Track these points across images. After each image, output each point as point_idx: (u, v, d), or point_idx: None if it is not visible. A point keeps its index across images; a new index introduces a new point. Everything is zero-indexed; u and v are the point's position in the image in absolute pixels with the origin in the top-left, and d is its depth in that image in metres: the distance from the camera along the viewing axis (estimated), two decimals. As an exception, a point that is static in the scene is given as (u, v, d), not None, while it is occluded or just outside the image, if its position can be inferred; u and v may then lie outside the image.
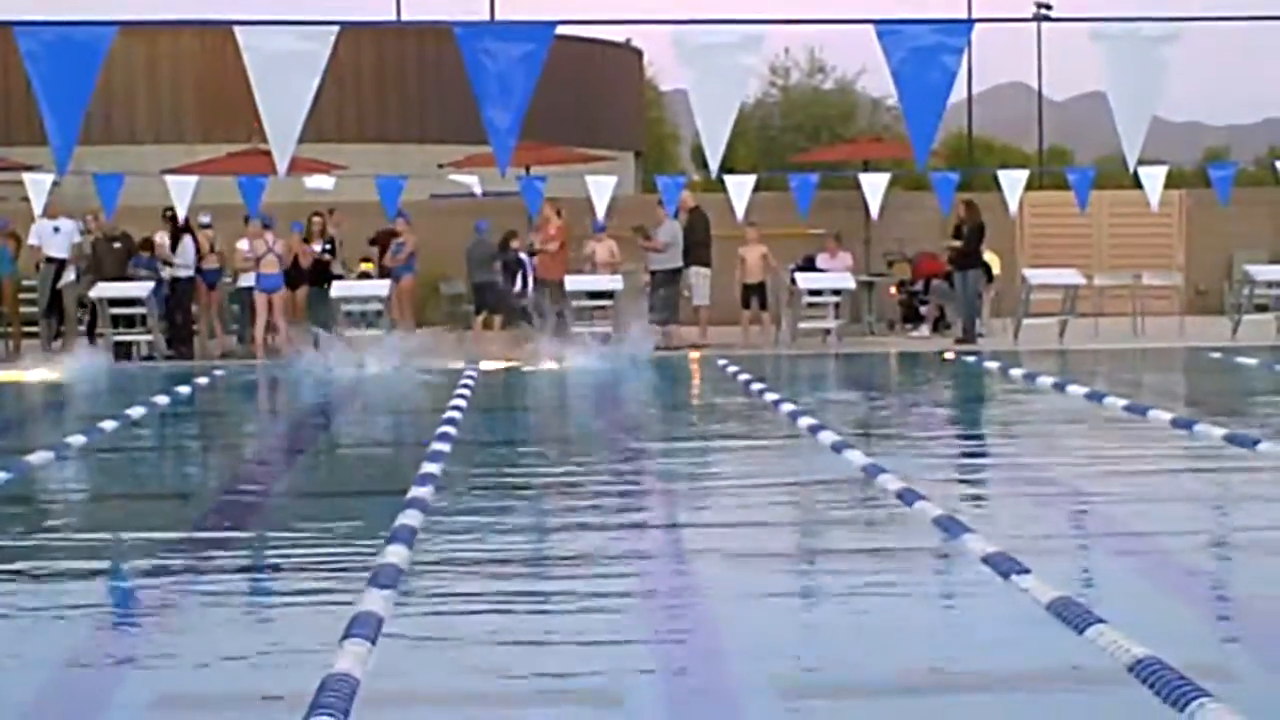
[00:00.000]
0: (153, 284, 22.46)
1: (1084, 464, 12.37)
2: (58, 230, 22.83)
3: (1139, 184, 20.67)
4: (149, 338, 22.72)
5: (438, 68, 36.27)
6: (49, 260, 22.91)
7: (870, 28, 10.50)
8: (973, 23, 11.61)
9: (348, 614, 7.06)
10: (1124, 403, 15.23)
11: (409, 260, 23.64)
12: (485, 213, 24.35)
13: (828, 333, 23.57)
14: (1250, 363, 19.80)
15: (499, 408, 17.67)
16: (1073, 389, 16.64)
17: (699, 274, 23.64)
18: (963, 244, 23.49)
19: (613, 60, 44.28)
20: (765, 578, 8.39)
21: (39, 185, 20.07)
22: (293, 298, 23.01)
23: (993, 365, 19.94)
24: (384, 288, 22.84)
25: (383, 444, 15.24)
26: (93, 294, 22.50)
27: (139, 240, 23.09)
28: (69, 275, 22.89)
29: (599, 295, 23.08)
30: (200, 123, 35.61)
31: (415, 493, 10.34)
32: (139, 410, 15.98)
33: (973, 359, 20.84)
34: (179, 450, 15.26)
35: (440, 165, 27.74)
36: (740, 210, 20.78)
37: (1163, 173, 20.73)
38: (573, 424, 16.44)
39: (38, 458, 12.70)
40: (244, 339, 23.41)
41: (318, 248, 23.30)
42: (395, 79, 37.80)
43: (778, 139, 59.94)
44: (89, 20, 10.26)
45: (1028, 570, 7.77)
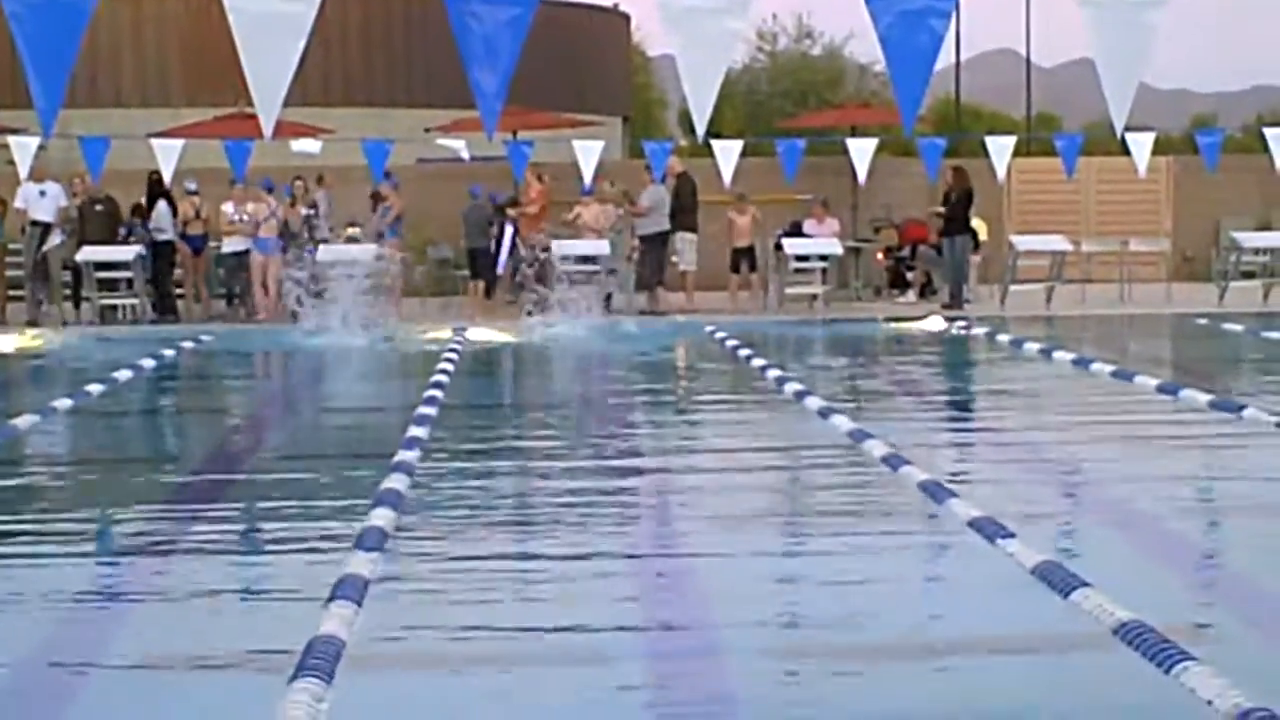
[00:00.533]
0: (139, 248, 22.40)
1: (1070, 430, 12.39)
2: (43, 194, 22.75)
3: (1127, 151, 20.64)
4: (134, 301, 22.67)
5: (424, 31, 36.14)
6: (34, 224, 22.82)
7: (858, -8, 10.46)
8: (961, -13, 11.58)
9: (334, 576, 7.07)
10: (1110, 369, 15.24)
11: (395, 224, 23.58)
12: (472, 177, 24.29)
13: (814, 298, 23.56)
14: (1236, 329, 19.82)
15: (488, 373, 17.66)
16: (1059, 355, 16.66)
17: (685, 239, 23.62)
18: (950, 210, 23.47)
19: (600, 25, 44.17)
20: (751, 541, 8.40)
21: (24, 148, 19.97)
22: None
23: (979, 331, 19.95)
24: (370, 252, 22.77)
25: (369, 409, 15.23)
26: (78, 257, 22.44)
27: (130, 207, 23.03)
28: (55, 239, 22.82)
29: (586, 260, 23.05)
30: (186, 86, 35.47)
31: (401, 457, 10.35)
32: (125, 374, 15.96)
33: (959, 325, 20.84)
34: (165, 414, 15.24)
35: (427, 129, 27.65)
36: (727, 176, 20.74)
37: (1150, 139, 20.68)
38: (558, 389, 16.43)
39: (23, 421, 12.69)
40: (231, 303, 23.35)
41: (303, 212, 23.24)
42: (382, 42, 37.68)
43: (765, 104, 59.84)
44: (74, -19, 10.21)
45: (1013, 535, 7.79)
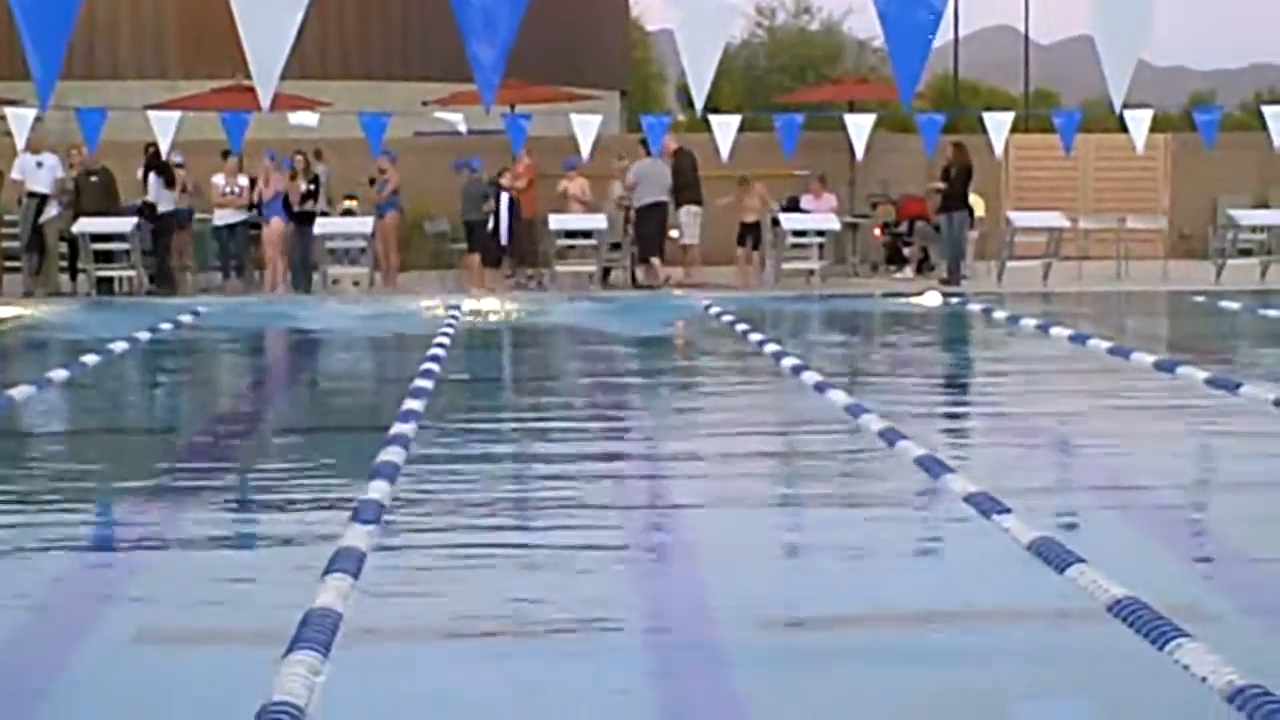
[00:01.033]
0: (135, 219, 22.37)
1: (1066, 406, 12.40)
2: (40, 165, 22.70)
3: (1124, 128, 20.63)
4: (131, 273, 22.65)
5: (422, 3, 36.04)
6: (31, 195, 22.79)
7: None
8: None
9: (330, 549, 7.08)
10: (1107, 345, 15.25)
11: (392, 197, 23.56)
12: (470, 151, 24.26)
13: (811, 274, 23.55)
14: (1233, 306, 19.82)
15: (482, 347, 17.67)
16: (1056, 331, 16.66)
17: (689, 213, 23.55)
18: (950, 186, 23.44)
19: (598, -1, 44.07)
20: (747, 516, 8.41)
21: (21, 120, 19.93)
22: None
23: (976, 307, 19.95)
24: (368, 225, 22.78)
25: (367, 381, 15.24)
26: (75, 229, 22.41)
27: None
28: (51, 210, 22.78)
29: (580, 234, 23.07)
30: (183, 58, 35.36)
31: (398, 429, 10.35)
32: (121, 345, 15.96)
33: (957, 301, 20.84)
34: (161, 386, 15.23)
35: (425, 102, 27.60)
36: (725, 151, 20.72)
37: (1148, 116, 20.66)
38: (552, 363, 16.42)
39: (19, 392, 12.69)
40: (227, 275, 23.32)
41: (302, 186, 23.20)
42: (379, 14, 37.57)
43: (763, 80, 59.77)
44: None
45: (1009, 510, 7.80)
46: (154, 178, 22.87)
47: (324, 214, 23.13)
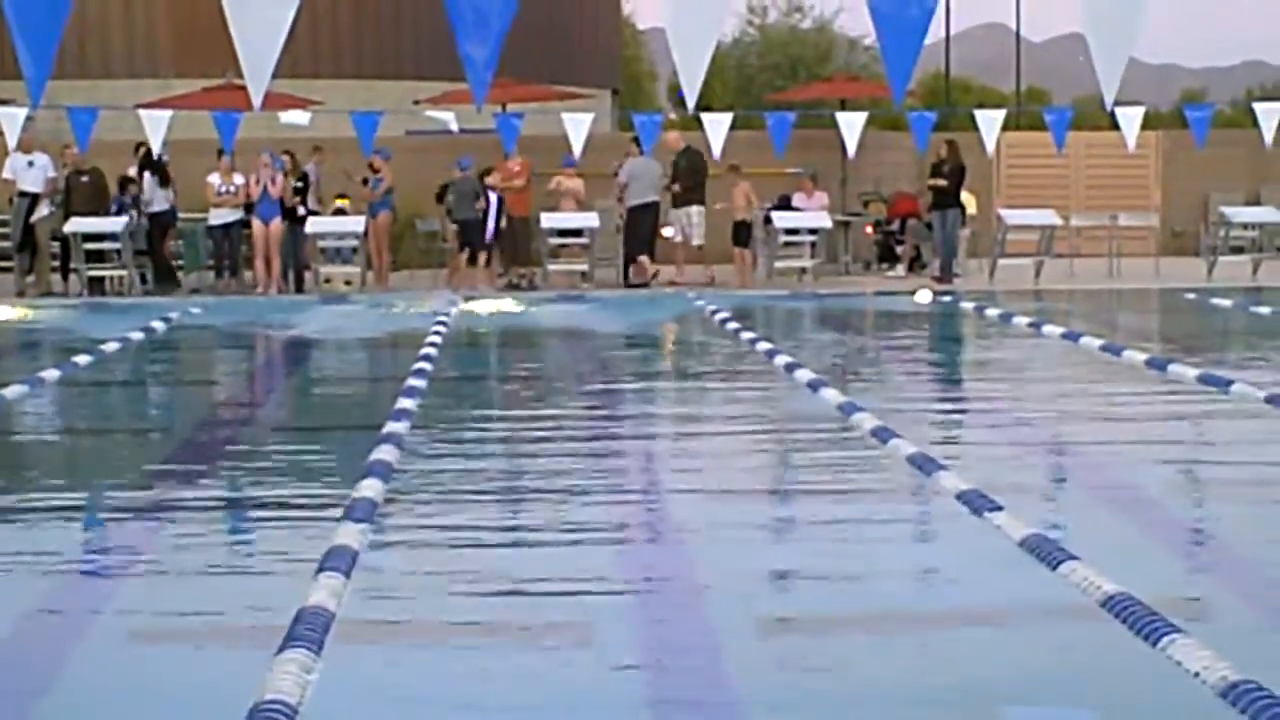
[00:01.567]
0: (126, 219, 22.36)
1: (1058, 403, 12.40)
2: (31, 164, 22.68)
3: (1116, 125, 20.65)
4: (123, 273, 22.63)
5: (414, 2, 36.04)
6: (22, 194, 22.77)
7: (849, -35, 10.46)
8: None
9: (323, 547, 7.08)
10: (1099, 343, 15.26)
11: (385, 196, 23.55)
12: (461, 150, 24.24)
13: (803, 272, 23.55)
14: (1225, 304, 19.84)
15: (474, 345, 17.65)
16: (1048, 329, 16.67)
17: (698, 213, 23.43)
18: (944, 184, 23.44)
19: (589, -2, 44.02)
20: (740, 514, 8.40)
21: (12, 119, 19.91)
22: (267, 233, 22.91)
23: (969, 305, 19.95)
24: (360, 224, 22.77)
25: (357, 380, 15.24)
26: (67, 228, 22.39)
27: (118, 179, 22.97)
28: (43, 210, 22.77)
29: (572, 233, 23.06)
30: (175, 57, 35.31)
31: (391, 428, 10.35)
32: (113, 345, 15.94)
33: (949, 299, 20.85)
34: (153, 385, 15.22)
35: (416, 101, 27.57)
36: (717, 149, 20.71)
37: (1140, 114, 20.67)
38: (547, 361, 16.41)
39: (11, 391, 12.67)
40: (220, 275, 23.29)
41: (294, 184, 23.19)
42: (371, 13, 37.53)
43: (755, 78, 59.69)
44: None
45: (1001, 507, 7.80)
46: (149, 177, 22.85)
47: (315, 213, 23.12)
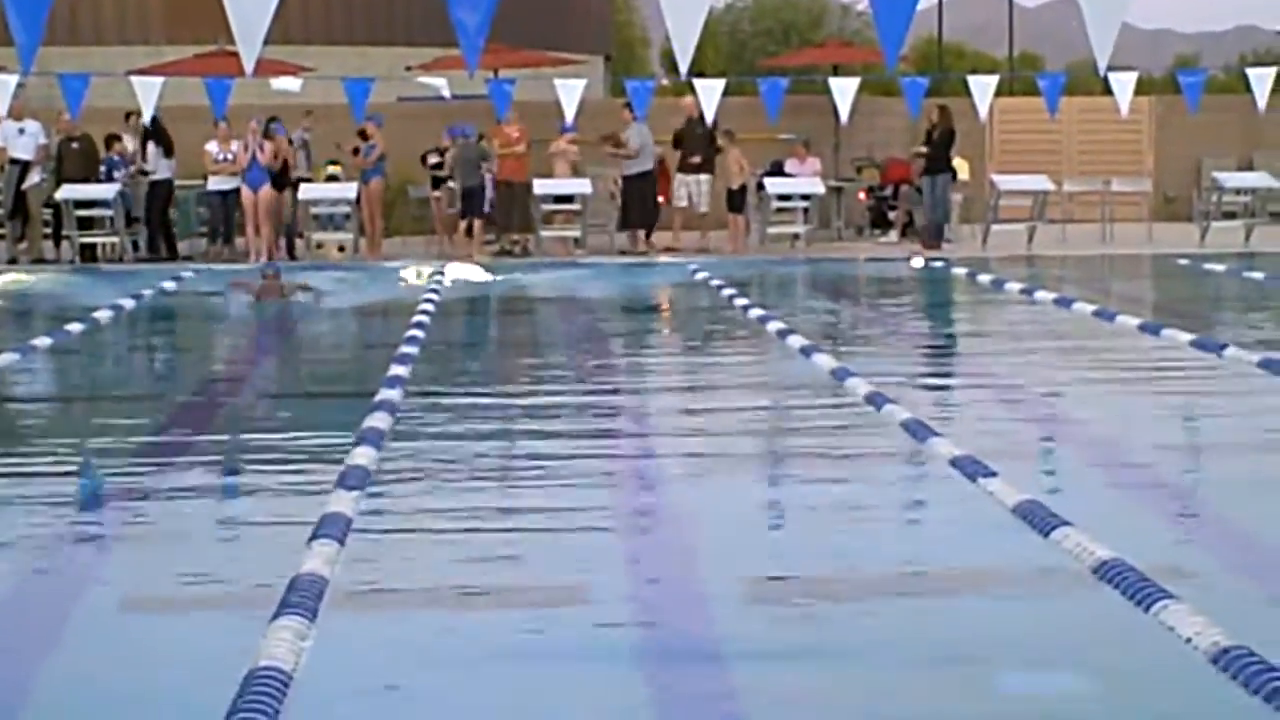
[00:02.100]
0: (118, 186, 22.30)
1: (1051, 369, 12.41)
2: (22, 131, 22.61)
3: (1109, 90, 20.62)
4: (114, 240, 22.58)
5: (405, -32, 35.91)
6: (13, 162, 22.70)
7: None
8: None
9: (316, 514, 7.08)
10: (1092, 308, 15.27)
11: (378, 163, 23.48)
12: (453, 116, 24.17)
13: (796, 238, 23.53)
14: (1218, 269, 19.84)
15: (467, 312, 17.64)
16: (1041, 295, 16.67)
17: (706, 180, 23.34)
18: (931, 149, 23.41)
19: (581, -38, 43.85)
20: (734, 480, 8.42)
21: (3, 86, 19.85)
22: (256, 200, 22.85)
23: (961, 271, 19.94)
24: (352, 190, 22.71)
25: (352, 347, 15.23)
26: (59, 195, 22.33)
27: (104, 138, 22.88)
28: (34, 177, 22.70)
29: (566, 199, 23.01)
30: (166, 24, 35.17)
31: (383, 395, 10.34)
32: (105, 313, 15.92)
33: (941, 265, 20.83)
34: (145, 352, 15.21)
35: (408, 68, 27.48)
36: (710, 115, 20.68)
37: (1133, 79, 20.64)
38: (539, 329, 16.41)
39: (3, 359, 12.66)
40: (215, 241, 23.23)
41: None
42: (363, -21, 37.40)
43: (747, 44, 59.64)
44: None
45: (994, 473, 7.81)
46: (153, 146, 22.78)
47: (306, 179, 23.06)
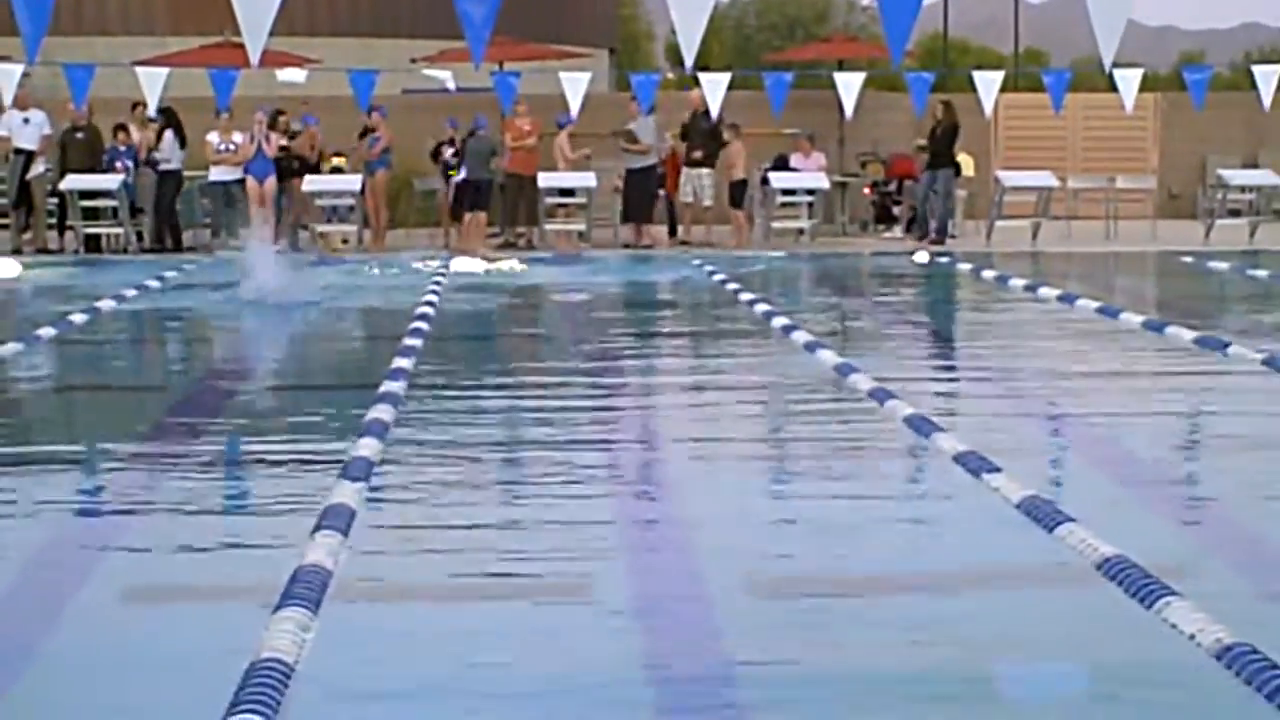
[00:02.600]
0: (123, 176, 22.30)
1: (1055, 366, 12.40)
2: (27, 121, 22.62)
3: (1114, 87, 20.61)
4: (119, 230, 22.59)
5: (411, -40, 35.93)
6: (18, 151, 22.71)
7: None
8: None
9: (320, 506, 7.08)
10: (1096, 305, 15.25)
11: (383, 155, 23.48)
12: (458, 109, 24.17)
13: (801, 233, 23.53)
14: (1222, 267, 19.82)
15: (473, 305, 17.63)
16: (1045, 291, 16.65)
17: (709, 174, 23.34)
18: (934, 144, 23.40)
19: (587, -44, 43.85)
20: (737, 476, 8.41)
21: (8, 76, 19.86)
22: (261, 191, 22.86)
23: (965, 267, 19.93)
24: (357, 182, 22.71)
25: (356, 339, 15.22)
26: (63, 186, 22.34)
27: (112, 127, 22.89)
28: (39, 167, 22.71)
29: (567, 192, 23.01)
30: (171, 15, 35.21)
31: (387, 387, 10.34)
32: (109, 303, 15.92)
33: (945, 260, 20.83)
34: (149, 343, 15.21)
35: (413, 60, 27.49)
36: (715, 109, 20.67)
37: (1138, 76, 20.63)
38: (543, 322, 16.41)
39: (7, 349, 12.66)
40: (217, 232, 23.25)
41: (282, 142, 23.13)
42: (368, -29, 37.42)
43: (753, 38, 59.71)
44: (58, -93, 10.14)
45: (998, 469, 7.81)
46: (170, 136, 22.80)
47: (314, 169, 23.07)
